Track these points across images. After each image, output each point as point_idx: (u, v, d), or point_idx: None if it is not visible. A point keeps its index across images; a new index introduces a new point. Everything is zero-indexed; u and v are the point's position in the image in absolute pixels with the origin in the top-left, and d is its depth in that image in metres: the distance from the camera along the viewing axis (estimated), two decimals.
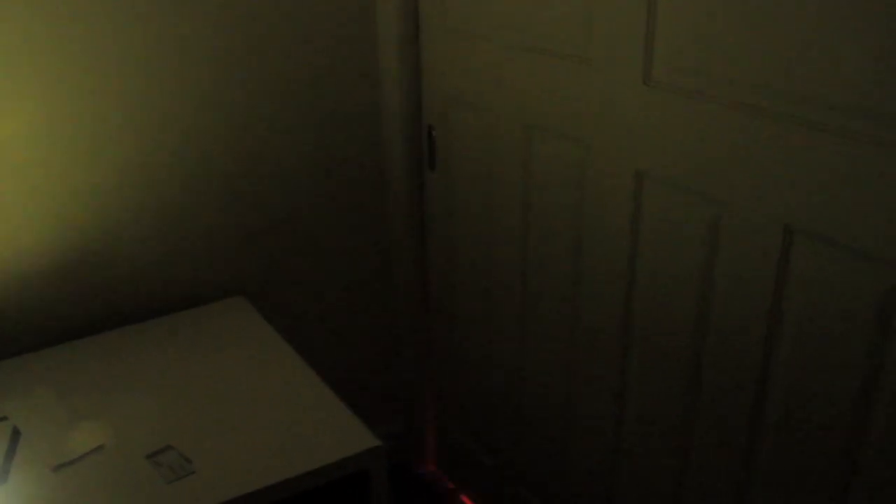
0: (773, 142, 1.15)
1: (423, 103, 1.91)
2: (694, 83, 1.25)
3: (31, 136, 1.61)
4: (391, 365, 2.28)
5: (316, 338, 2.13)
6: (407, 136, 1.95)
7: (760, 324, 1.24)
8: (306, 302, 2.07)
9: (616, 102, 1.39)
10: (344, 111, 1.96)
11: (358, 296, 2.15)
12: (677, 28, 1.25)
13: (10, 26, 1.53)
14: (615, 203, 1.45)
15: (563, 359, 1.69)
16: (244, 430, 1.44)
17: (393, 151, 2.00)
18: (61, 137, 1.64)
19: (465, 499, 2.24)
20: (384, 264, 2.16)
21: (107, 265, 1.77)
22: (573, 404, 1.70)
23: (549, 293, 1.68)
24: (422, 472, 2.34)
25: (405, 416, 2.32)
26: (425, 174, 1.98)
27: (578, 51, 1.44)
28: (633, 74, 1.34)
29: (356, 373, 2.24)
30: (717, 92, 1.22)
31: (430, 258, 2.06)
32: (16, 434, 1.43)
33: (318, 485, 1.36)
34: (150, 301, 1.84)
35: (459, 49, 1.73)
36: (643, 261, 1.43)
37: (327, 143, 1.96)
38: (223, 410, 1.49)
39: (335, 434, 1.43)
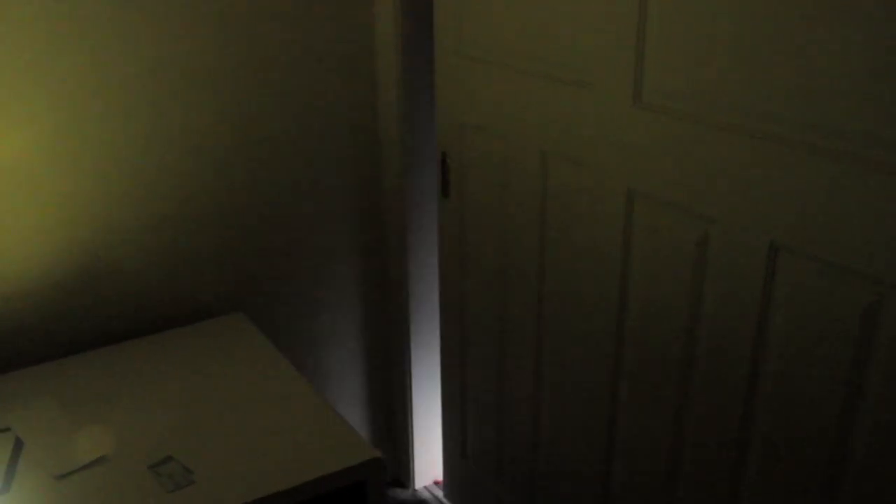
0: (757, 161, 1.19)
1: (437, 130, 1.91)
2: (682, 105, 1.30)
3: (36, 155, 1.65)
4: (389, 387, 2.31)
5: (314, 356, 2.15)
6: (406, 166, 1.98)
7: (748, 335, 1.28)
8: (305, 320, 2.10)
9: (609, 124, 1.43)
10: (346, 138, 2.00)
11: (357, 316, 2.18)
12: (665, 52, 1.30)
13: (16, 48, 1.57)
14: (609, 221, 1.49)
15: (572, 378, 1.72)
16: (244, 441, 1.47)
17: (391, 180, 2.03)
18: (65, 157, 1.68)
19: None
20: (384, 286, 2.19)
21: (108, 281, 1.80)
22: (583, 423, 1.73)
23: (561, 315, 1.69)
24: (423, 496, 2.36)
25: (405, 435, 2.34)
26: (439, 201, 1.98)
27: (578, 75, 1.48)
28: (625, 97, 1.39)
29: (354, 392, 2.26)
30: (705, 113, 1.26)
31: (442, 280, 2.06)
32: (18, 444, 1.45)
33: (316, 494, 1.38)
34: (151, 317, 1.87)
35: (473, 76, 1.75)
36: (635, 276, 1.46)
37: (329, 166, 2.00)
38: (223, 422, 1.52)
39: (334, 445, 1.45)
